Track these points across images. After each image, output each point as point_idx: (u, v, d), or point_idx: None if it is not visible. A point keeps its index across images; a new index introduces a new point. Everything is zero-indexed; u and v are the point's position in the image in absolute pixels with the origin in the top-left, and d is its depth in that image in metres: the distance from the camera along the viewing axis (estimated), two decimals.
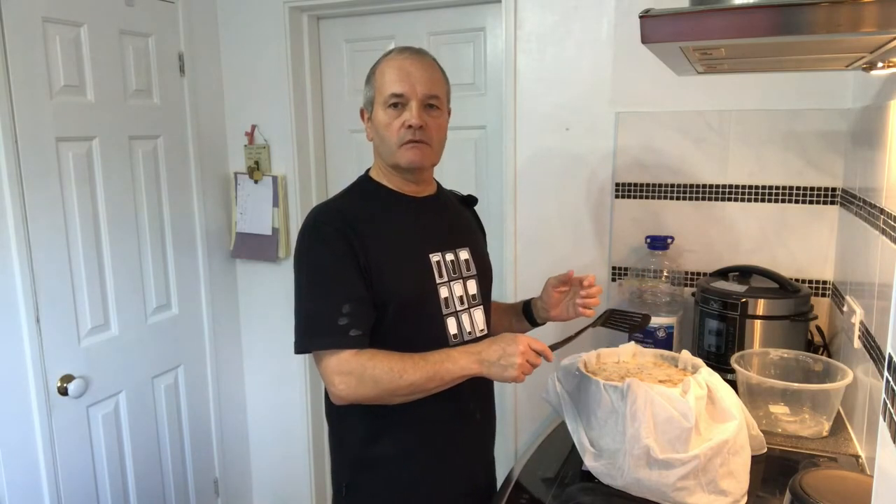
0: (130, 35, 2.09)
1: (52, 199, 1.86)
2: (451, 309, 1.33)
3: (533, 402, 2.21)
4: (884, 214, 1.31)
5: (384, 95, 1.27)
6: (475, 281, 1.40)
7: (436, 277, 1.32)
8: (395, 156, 1.29)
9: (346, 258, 1.23)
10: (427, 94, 1.28)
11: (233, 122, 2.50)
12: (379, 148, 1.32)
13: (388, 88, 1.27)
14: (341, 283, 1.22)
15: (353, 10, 2.36)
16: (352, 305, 1.21)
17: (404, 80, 1.26)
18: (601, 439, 1.26)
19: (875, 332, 1.32)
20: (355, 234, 1.24)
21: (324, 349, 1.21)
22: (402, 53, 1.30)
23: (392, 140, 1.28)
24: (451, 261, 1.35)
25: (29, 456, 1.84)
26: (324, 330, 1.21)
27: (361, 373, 1.19)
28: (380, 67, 1.30)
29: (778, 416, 1.49)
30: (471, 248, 1.42)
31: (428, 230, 1.35)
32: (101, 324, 2.03)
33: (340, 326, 1.20)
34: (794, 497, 0.95)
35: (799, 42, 0.92)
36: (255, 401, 2.69)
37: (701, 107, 1.91)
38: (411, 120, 1.25)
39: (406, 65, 1.27)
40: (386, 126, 1.28)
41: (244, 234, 2.50)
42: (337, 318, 1.20)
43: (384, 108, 1.27)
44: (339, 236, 1.24)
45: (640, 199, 2.01)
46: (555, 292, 1.44)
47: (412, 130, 1.26)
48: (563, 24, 2.01)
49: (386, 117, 1.27)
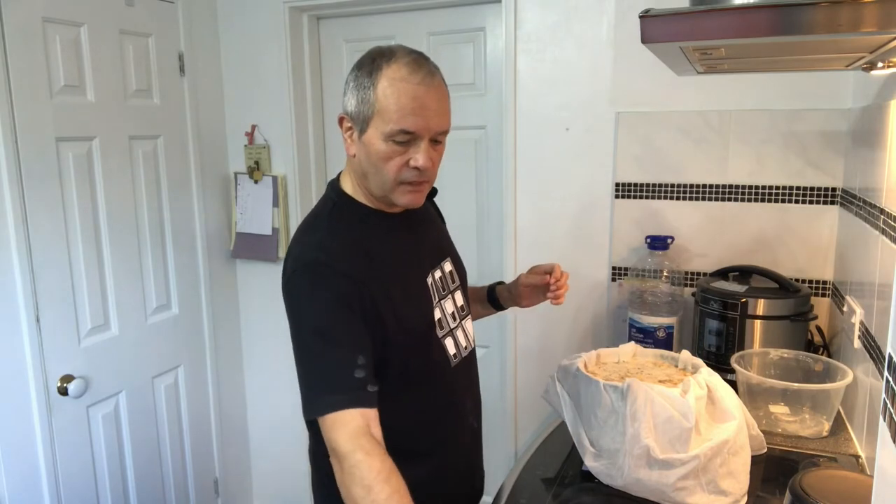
0: (130, 35, 2.09)
1: (52, 199, 1.86)
2: (445, 329, 1.25)
3: (533, 402, 2.21)
4: (884, 214, 1.31)
5: (390, 127, 1.07)
6: (460, 291, 1.32)
7: (433, 301, 1.23)
8: (390, 193, 1.13)
9: (352, 304, 1.08)
10: (439, 132, 1.11)
11: (233, 122, 2.50)
12: (368, 174, 1.13)
13: (397, 121, 1.06)
14: (352, 332, 1.07)
15: (353, 10, 2.36)
16: (365, 357, 1.06)
17: (419, 116, 1.06)
18: (601, 439, 1.26)
19: (875, 332, 1.32)
20: (359, 276, 1.10)
21: (341, 409, 1.02)
22: (415, 74, 1.07)
23: (390, 176, 1.10)
24: (439, 278, 1.26)
25: (29, 456, 1.84)
26: (339, 386, 1.04)
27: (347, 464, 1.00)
28: (382, 82, 1.07)
29: (778, 416, 1.49)
30: (451, 257, 1.33)
31: (418, 251, 1.25)
32: (101, 324, 2.03)
33: (358, 380, 1.04)
34: (794, 497, 0.95)
35: (799, 42, 0.92)
36: (255, 401, 2.69)
37: (701, 107, 1.91)
38: (419, 162, 1.09)
39: (421, 93, 1.06)
40: (385, 159, 1.09)
41: (244, 234, 2.50)
42: (353, 371, 1.04)
43: (386, 139, 1.08)
44: (344, 279, 1.08)
45: (640, 199, 2.01)
46: (524, 288, 1.43)
47: (417, 172, 1.10)
48: (563, 24, 2.01)
49: (387, 150, 1.08)
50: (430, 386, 1.24)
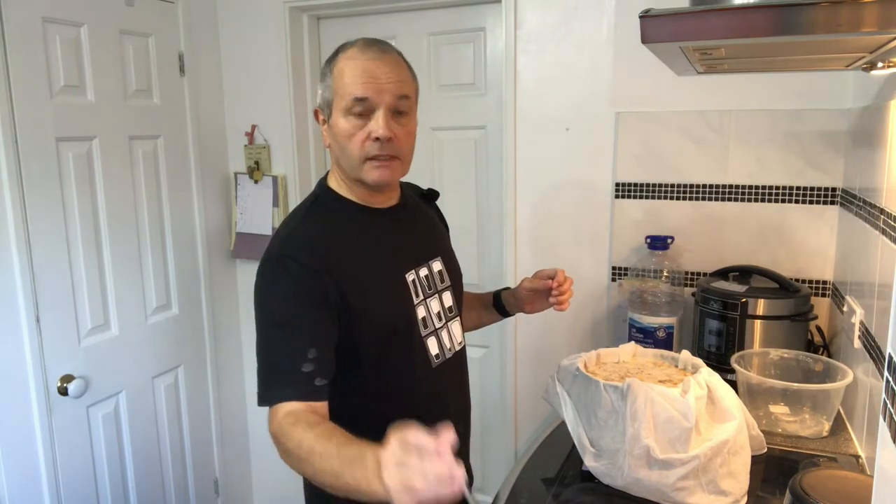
0: (130, 35, 2.09)
1: (52, 199, 1.86)
2: (429, 328, 1.24)
3: (533, 402, 2.21)
4: (884, 214, 1.31)
5: (345, 100, 1.11)
6: (450, 292, 1.32)
7: (413, 298, 1.21)
8: (358, 171, 1.15)
9: (314, 297, 1.09)
10: (396, 98, 1.12)
11: (233, 122, 2.50)
12: (339, 159, 1.17)
13: (349, 91, 1.11)
14: (308, 324, 1.08)
15: (353, 10, 2.36)
16: (318, 351, 1.07)
17: (369, 83, 1.10)
18: (601, 439, 1.26)
19: (875, 332, 1.32)
20: (326, 267, 1.11)
21: (286, 401, 1.04)
22: (365, 52, 1.12)
23: (355, 153, 1.13)
24: (425, 276, 1.26)
25: (29, 456, 1.84)
26: (285, 378, 1.06)
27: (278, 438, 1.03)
28: (337, 65, 1.14)
29: (778, 416, 1.49)
30: (442, 256, 1.32)
31: (401, 247, 1.24)
32: (101, 324, 2.03)
33: (305, 374, 1.05)
34: (794, 497, 0.95)
35: (799, 42, 0.92)
36: (254, 401, 2.68)
37: (701, 107, 1.91)
38: (378, 131, 1.11)
39: (371, 66, 1.11)
40: (348, 136, 1.12)
41: (244, 234, 2.51)
42: (300, 364, 1.05)
43: (345, 114, 1.12)
44: (307, 272, 1.09)
45: (640, 199, 2.01)
46: (526, 292, 1.43)
47: (379, 144, 1.12)
48: (563, 24, 2.01)
49: (347, 125, 1.12)
50: (407, 384, 1.22)
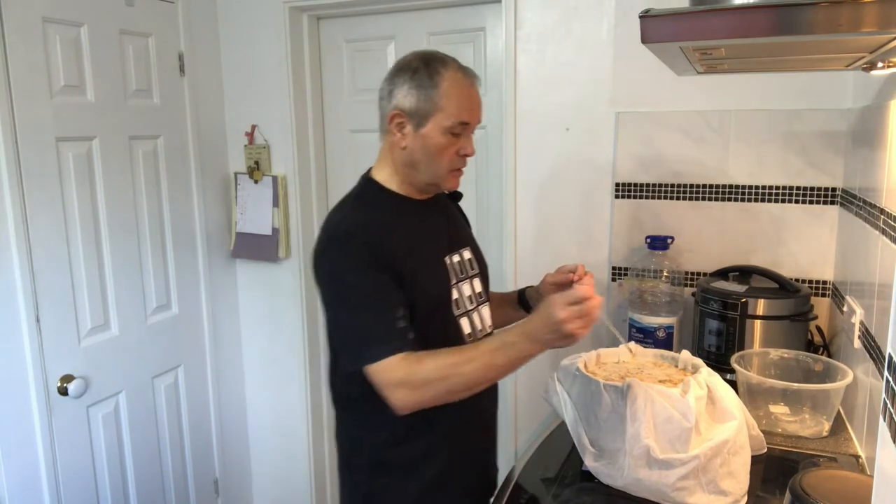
0: (130, 35, 2.09)
1: (52, 199, 1.86)
2: (462, 309, 1.35)
3: (533, 402, 2.21)
4: (884, 214, 1.31)
5: (451, 120, 1.24)
6: (479, 279, 1.42)
7: (451, 279, 1.33)
8: (441, 178, 1.29)
9: (382, 266, 1.21)
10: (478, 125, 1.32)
11: (233, 122, 2.50)
12: (418, 163, 1.28)
13: (458, 115, 1.24)
14: (388, 287, 1.20)
15: (353, 10, 2.36)
16: (404, 309, 1.20)
17: (474, 111, 1.28)
18: (601, 439, 1.26)
19: (875, 332, 1.32)
20: (382, 243, 1.23)
21: (387, 356, 1.16)
22: (466, 76, 1.28)
23: (444, 164, 1.28)
24: (457, 262, 1.37)
25: (29, 456, 1.84)
26: (384, 337, 1.17)
27: (410, 380, 1.15)
28: (445, 86, 1.24)
29: (778, 416, 1.49)
30: (471, 246, 1.44)
31: (438, 233, 1.37)
32: (101, 324, 2.03)
33: (400, 329, 1.18)
34: (794, 497, 0.95)
35: (799, 42, 0.92)
36: (255, 401, 2.69)
37: (701, 107, 1.91)
38: (468, 150, 1.28)
39: (473, 94, 1.28)
40: (441, 149, 1.26)
41: (244, 234, 2.50)
42: (396, 323, 1.18)
43: (445, 132, 1.25)
44: (370, 246, 1.22)
45: (640, 199, 2.01)
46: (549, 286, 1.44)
47: (464, 160, 1.29)
48: (563, 24, 2.01)
49: (444, 141, 1.26)
50: None
